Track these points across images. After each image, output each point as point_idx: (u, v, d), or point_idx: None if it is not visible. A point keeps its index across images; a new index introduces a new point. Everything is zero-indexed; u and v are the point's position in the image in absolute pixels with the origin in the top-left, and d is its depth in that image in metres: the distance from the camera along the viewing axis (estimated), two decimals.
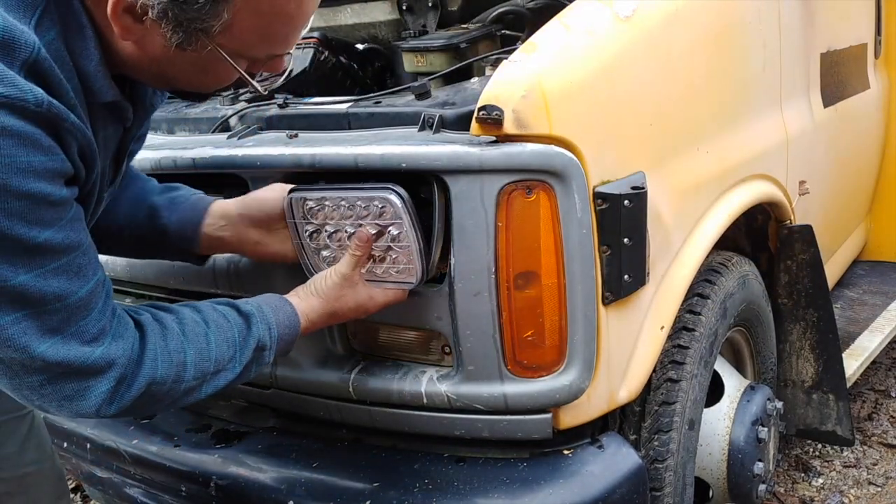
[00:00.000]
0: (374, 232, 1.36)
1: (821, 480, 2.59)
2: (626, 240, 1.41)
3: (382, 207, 1.35)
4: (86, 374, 1.06)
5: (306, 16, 1.10)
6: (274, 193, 1.44)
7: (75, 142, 1.01)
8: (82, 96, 1.04)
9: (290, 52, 1.16)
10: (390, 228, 1.36)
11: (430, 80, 1.61)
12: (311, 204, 1.41)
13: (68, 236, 1.02)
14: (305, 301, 1.35)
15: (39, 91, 0.94)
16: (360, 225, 1.37)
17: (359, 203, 1.37)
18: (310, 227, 1.42)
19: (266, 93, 1.25)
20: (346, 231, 1.40)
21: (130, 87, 1.19)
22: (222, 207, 1.45)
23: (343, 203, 1.38)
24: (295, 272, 1.50)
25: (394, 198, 1.33)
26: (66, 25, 1.00)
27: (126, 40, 1.03)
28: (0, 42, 0.92)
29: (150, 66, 1.09)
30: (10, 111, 0.91)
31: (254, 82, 1.16)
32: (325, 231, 1.42)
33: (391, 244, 1.37)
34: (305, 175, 1.46)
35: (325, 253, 1.44)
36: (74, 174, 1.04)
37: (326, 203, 1.39)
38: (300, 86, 1.93)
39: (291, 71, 1.94)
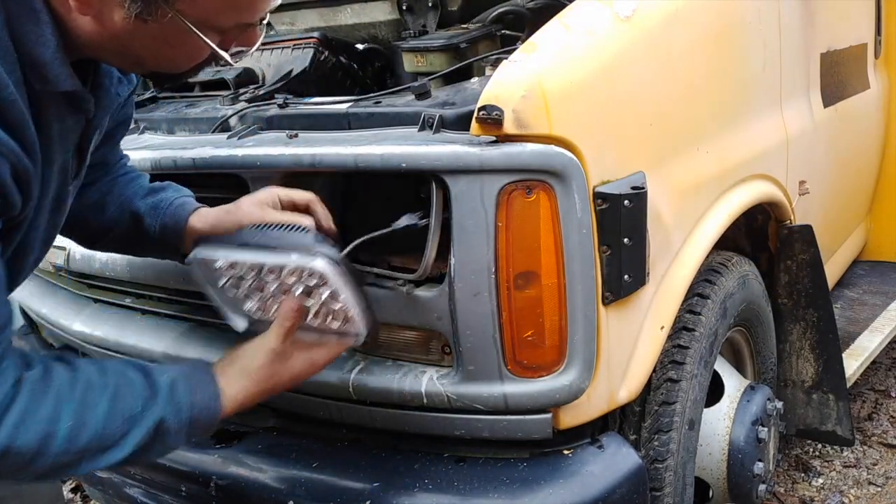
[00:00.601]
0: (303, 296, 1.20)
1: (821, 480, 2.59)
2: (626, 240, 1.41)
3: (309, 275, 1.19)
4: None
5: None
6: (248, 206, 1.34)
7: (5, 161, 0.91)
8: (24, 88, 0.94)
9: (263, 21, 1.07)
10: (320, 290, 1.19)
11: (430, 80, 1.61)
12: (220, 265, 1.24)
13: None
14: (234, 383, 1.18)
15: None
16: (284, 283, 1.21)
17: (278, 270, 1.20)
18: (223, 280, 1.25)
19: (235, 63, 1.12)
20: (268, 286, 1.22)
21: (93, 74, 1.11)
22: (202, 218, 1.39)
23: (259, 268, 1.21)
24: None
25: (320, 265, 1.17)
26: (15, 11, 0.91)
27: (84, 14, 0.95)
28: None
29: (112, 44, 1.00)
30: None
31: (222, 52, 1.05)
32: (244, 283, 1.24)
33: (325, 302, 1.20)
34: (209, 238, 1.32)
35: (248, 305, 1.26)
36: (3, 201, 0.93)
37: (237, 267, 1.23)
38: (300, 86, 1.93)
39: (291, 71, 1.94)
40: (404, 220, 1.37)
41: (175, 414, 1.10)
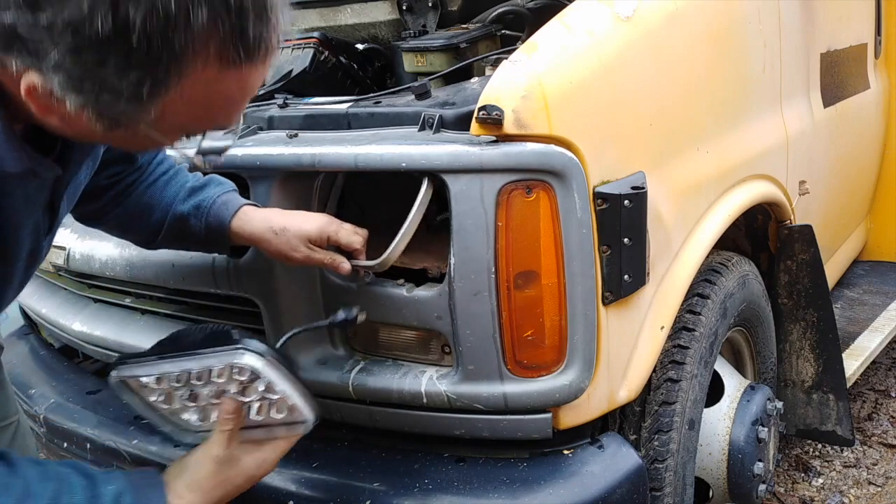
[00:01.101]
0: (237, 392, 1.17)
1: (821, 480, 2.59)
2: (626, 240, 1.41)
3: (238, 372, 1.16)
4: None
5: (252, 90, 0.94)
6: (309, 224, 1.36)
7: None
8: None
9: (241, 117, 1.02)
10: (256, 384, 1.16)
11: (430, 80, 1.61)
12: (146, 381, 1.20)
13: None
14: (183, 498, 1.12)
15: None
16: (215, 385, 1.17)
17: (207, 372, 1.17)
18: (154, 396, 1.21)
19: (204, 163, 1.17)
20: (202, 392, 1.19)
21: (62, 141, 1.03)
22: (244, 225, 1.38)
23: (186, 375, 1.18)
24: (293, 272, 1.50)
25: (248, 360, 1.14)
26: None
27: (44, 117, 0.88)
28: None
29: (79, 137, 0.95)
30: None
31: (193, 155, 1.05)
32: (177, 395, 1.20)
33: (264, 394, 1.17)
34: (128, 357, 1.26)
35: (187, 416, 1.23)
36: None
37: (166, 380, 1.19)
38: (300, 86, 1.93)
39: (291, 71, 1.94)
40: (340, 315, 1.38)
41: None
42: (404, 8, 2.12)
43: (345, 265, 1.35)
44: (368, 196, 1.62)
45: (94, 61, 0.79)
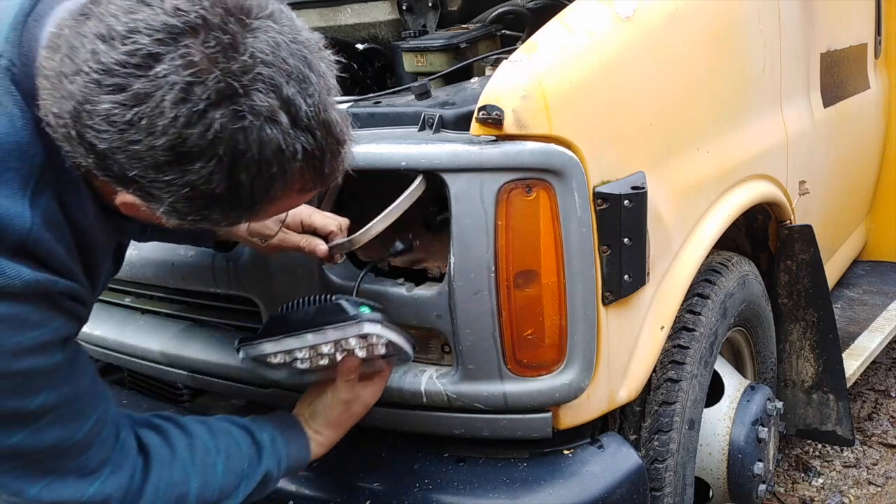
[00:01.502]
0: (361, 357, 1.33)
1: (821, 480, 2.59)
2: (626, 240, 1.41)
3: (360, 339, 1.31)
4: None
5: (311, 196, 1.10)
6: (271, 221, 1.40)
7: (69, 298, 1.03)
8: (77, 245, 1.05)
9: None
10: (375, 345, 1.32)
11: (430, 80, 1.61)
12: (273, 360, 1.35)
13: (63, 392, 1.04)
14: (322, 434, 1.39)
15: (27, 271, 0.95)
16: (341, 351, 1.33)
17: (329, 346, 1.31)
18: (277, 374, 1.39)
19: (263, 244, 1.37)
20: (322, 361, 1.34)
21: None
22: None
23: (310, 351, 1.32)
24: (294, 271, 1.50)
25: (368, 329, 1.29)
26: (61, 185, 1.00)
27: (130, 214, 1.03)
28: None
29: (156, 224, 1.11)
30: None
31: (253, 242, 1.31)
32: (297, 367, 1.35)
33: (377, 346, 1.33)
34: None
35: (309, 377, 1.41)
36: (72, 327, 1.06)
37: (292, 354, 1.33)
38: None
39: None
40: (398, 245, 1.44)
41: (276, 466, 1.31)
42: (404, 8, 2.12)
43: (321, 247, 1.38)
44: (369, 197, 1.62)
45: (204, 206, 0.94)
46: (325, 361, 1.33)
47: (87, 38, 0.87)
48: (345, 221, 1.43)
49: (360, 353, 1.32)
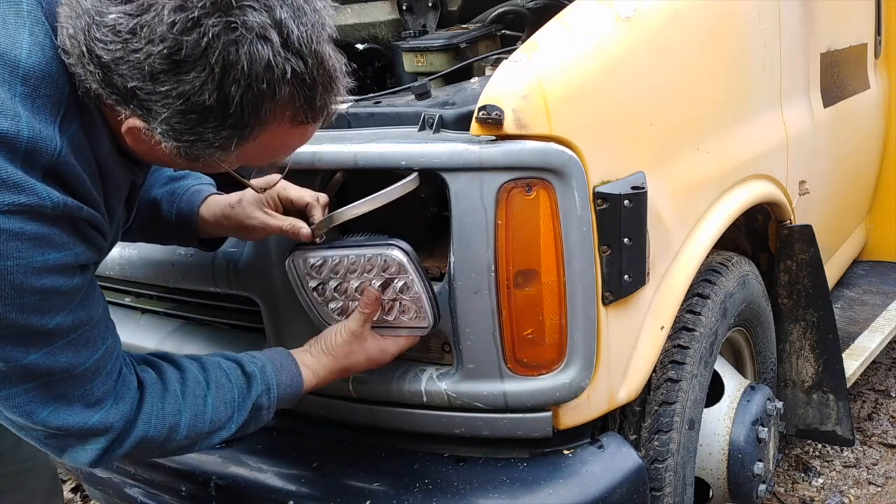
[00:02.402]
0: (380, 285, 1.38)
1: (821, 480, 2.59)
2: (626, 240, 1.41)
3: (385, 263, 1.37)
4: (83, 436, 1.14)
5: (308, 139, 1.15)
6: (249, 206, 1.44)
7: (90, 227, 1.09)
8: (99, 176, 1.11)
9: None
10: (396, 281, 1.37)
11: (430, 80, 1.61)
12: (312, 261, 1.42)
13: (78, 316, 1.08)
14: (317, 359, 1.39)
15: (56, 194, 1.01)
16: (363, 277, 1.39)
17: (362, 260, 1.39)
18: (313, 283, 1.43)
19: (261, 191, 1.38)
20: (350, 284, 1.41)
21: None
22: (209, 207, 1.48)
23: (345, 261, 1.40)
24: None
25: (397, 254, 1.35)
26: (84, 118, 1.06)
27: (135, 147, 1.09)
28: (26, 150, 0.98)
29: (158, 162, 1.19)
30: (28, 217, 0.98)
31: (250, 184, 1.31)
32: (330, 285, 1.43)
33: (399, 295, 1.38)
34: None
35: (332, 305, 1.45)
36: (91, 255, 1.11)
37: (328, 262, 1.41)
38: None
39: None
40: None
41: (266, 395, 1.31)
42: (404, 8, 2.12)
43: (304, 230, 1.40)
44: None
45: (196, 121, 0.99)
46: (353, 283, 1.39)
47: None
48: (323, 196, 1.45)
49: (377, 282, 1.37)
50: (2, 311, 0.99)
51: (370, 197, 1.35)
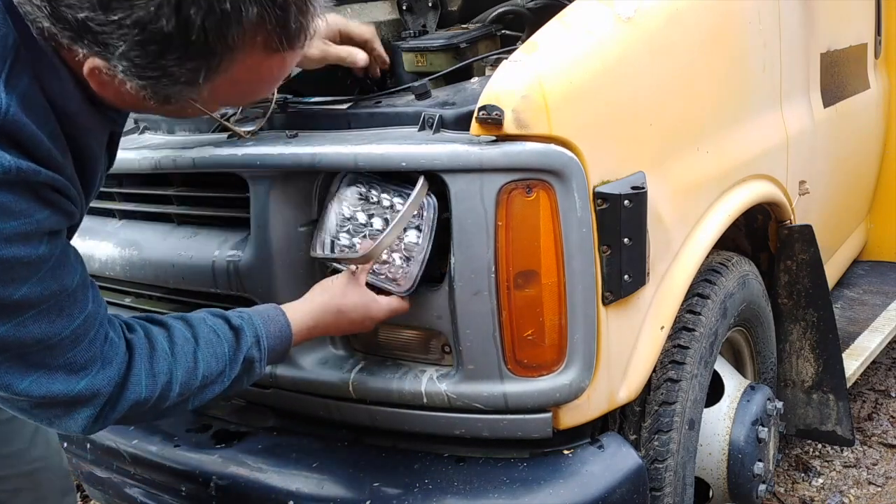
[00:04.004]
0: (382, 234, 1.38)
1: (821, 480, 2.59)
2: (626, 240, 1.41)
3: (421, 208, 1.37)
4: (71, 404, 1.09)
5: (289, 70, 1.07)
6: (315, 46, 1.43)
7: (52, 190, 1.00)
8: (62, 129, 1.02)
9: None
10: (408, 232, 1.37)
11: (430, 80, 1.61)
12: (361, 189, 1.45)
13: (48, 287, 1.02)
14: (309, 302, 1.36)
15: (6, 157, 0.93)
16: (386, 221, 1.40)
17: (386, 196, 1.40)
18: (346, 212, 1.45)
19: (247, 136, 1.32)
20: (370, 225, 1.43)
21: None
22: None
23: (385, 195, 1.42)
24: (295, 272, 1.50)
25: (423, 189, 1.35)
26: (39, 68, 0.98)
27: (102, 92, 1.01)
28: None
29: (130, 108, 1.12)
30: None
31: (235, 129, 1.24)
32: (355, 220, 1.44)
33: (401, 245, 1.38)
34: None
35: (342, 240, 1.46)
36: (59, 220, 1.03)
37: (371, 193, 1.43)
38: (300, 86, 1.93)
39: (291, 71, 1.94)
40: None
41: (256, 346, 1.27)
42: (404, 8, 2.12)
43: (361, 55, 1.39)
44: None
45: (157, 53, 0.90)
46: (361, 227, 1.42)
47: None
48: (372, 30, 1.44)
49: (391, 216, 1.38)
50: None
51: (395, 222, 1.34)
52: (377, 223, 1.44)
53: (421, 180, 1.35)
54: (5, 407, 1.10)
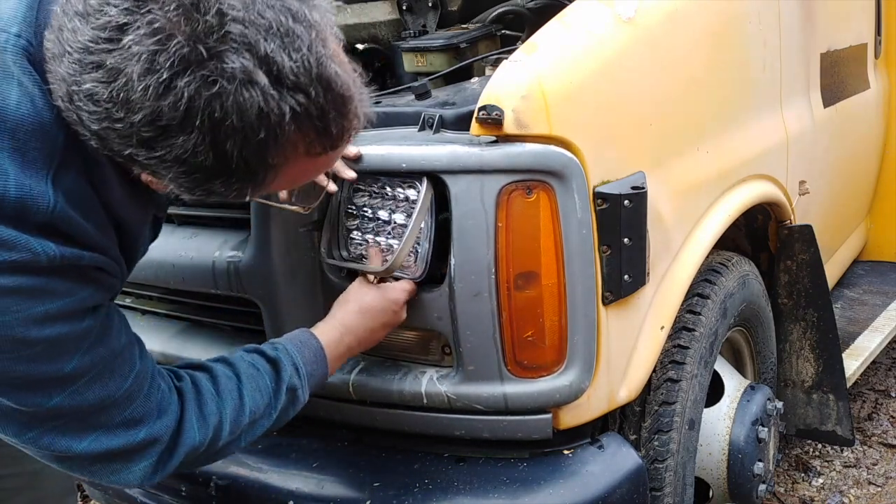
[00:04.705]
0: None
1: (821, 480, 2.59)
2: (626, 240, 1.41)
3: (407, 191, 1.39)
4: (130, 455, 1.11)
5: (335, 161, 1.09)
6: None
7: (96, 270, 1.04)
8: (108, 215, 1.06)
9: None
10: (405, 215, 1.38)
11: (430, 80, 1.61)
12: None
13: (97, 353, 1.05)
14: (333, 318, 1.38)
15: (52, 247, 0.96)
16: (392, 212, 1.41)
17: (390, 190, 1.41)
18: (356, 210, 1.47)
19: (307, 211, 1.37)
20: (378, 220, 1.44)
21: None
22: None
23: (376, 190, 1.43)
24: (295, 273, 1.50)
25: (427, 192, 1.36)
26: (86, 165, 1.01)
27: (156, 189, 1.06)
28: (14, 209, 0.94)
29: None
30: (22, 272, 0.95)
31: (294, 208, 1.30)
32: (365, 216, 1.45)
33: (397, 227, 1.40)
34: None
35: (354, 235, 1.47)
36: (102, 296, 1.07)
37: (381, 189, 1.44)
38: None
39: None
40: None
41: (296, 374, 1.29)
42: (404, 8, 2.12)
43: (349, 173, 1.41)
44: None
45: (202, 180, 0.92)
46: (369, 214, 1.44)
47: (69, 17, 0.86)
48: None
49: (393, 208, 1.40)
50: (9, 363, 0.97)
51: (408, 232, 1.35)
52: (386, 216, 1.44)
53: (425, 185, 1.35)
54: (61, 468, 1.12)
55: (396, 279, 1.42)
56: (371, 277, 1.41)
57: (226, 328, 1.74)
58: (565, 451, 1.50)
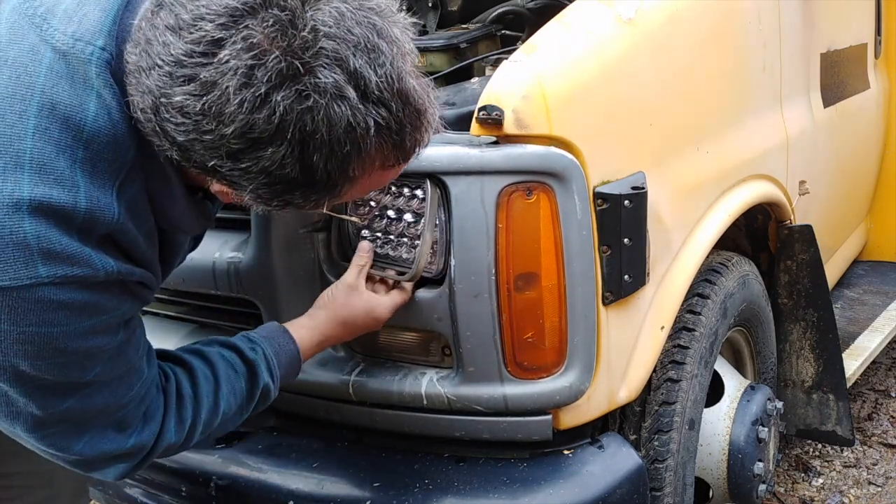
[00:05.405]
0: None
1: (821, 480, 2.59)
2: (626, 240, 1.41)
3: (411, 191, 1.39)
4: (119, 458, 1.14)
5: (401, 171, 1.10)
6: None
7: (139, 285, 1.07)
8: (157, 223, 1.08)
9: None
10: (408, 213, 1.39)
11: (430, 79, 1.61)
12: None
13: (116, 364, 1.07)
14: (312, 318, 1.39)
15: (110, 262, 0.98)
16: (400, 211, 1.41)
17: (396, 189, 1.41)
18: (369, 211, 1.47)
19: (363, 221, 1.41)
20: (386, 217, 1.44)
21: None
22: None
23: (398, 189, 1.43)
24: (295, 274, 1.50)
25: (429, 188, 1.35)
26: (151, 175, 1.03)
27: (223, 199, 1.08)
28: (83, 220, 0.95)
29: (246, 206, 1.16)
30: (79, 287, 0.96)
31: (351, 218, 1.36)
32: (375, 212, 1.45)
33: (407, 226, 1.40)
34: None
35: (365, 232, 1.47)
36: (136, 308, 1.10)
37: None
38: None
39: None
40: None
41: (269, 375, 1.31)
42: (404, 8, 2.11)
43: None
44: None
45: (283, 191, 0.94)
46: (371, 205, 1.43)
47: (159, 31, 0.88)
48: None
49: (399, 206, 1.40)
50: (44, 368, 0.99)
51: (423, 239, 1.36)
52: (394, 215, 1.45)
53: (430, 187, 1.35)
54: (50, 458, 1.13)
55: (385, 280, 1.44)
56: (389, 282, 1.42)
57: (226, 329, 1.74)
58: (565, 452, 1.50)
